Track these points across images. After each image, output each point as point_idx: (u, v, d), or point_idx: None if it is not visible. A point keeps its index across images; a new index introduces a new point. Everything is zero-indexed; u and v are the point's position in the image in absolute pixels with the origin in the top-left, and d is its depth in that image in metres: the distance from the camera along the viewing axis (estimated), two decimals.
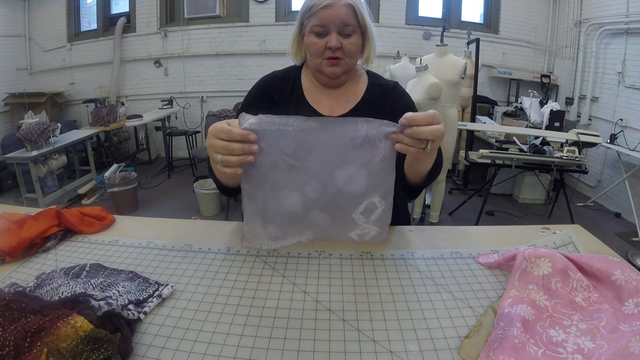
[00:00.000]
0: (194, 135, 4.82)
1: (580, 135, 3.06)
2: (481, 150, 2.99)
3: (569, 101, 4.33)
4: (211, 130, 0.62)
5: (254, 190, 0.69)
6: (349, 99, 0.96)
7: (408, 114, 0.61)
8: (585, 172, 2.92)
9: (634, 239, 3.06)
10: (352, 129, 0.64)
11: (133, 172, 3.56)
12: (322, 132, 0.64)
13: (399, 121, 0.62)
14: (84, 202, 3.75)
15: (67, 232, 0.90)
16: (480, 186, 3.75)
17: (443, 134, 0.62)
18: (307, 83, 0.97)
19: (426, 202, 3.34)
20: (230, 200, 3.44)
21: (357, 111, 0.94)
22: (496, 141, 3.69)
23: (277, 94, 0.96)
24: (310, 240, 0.78)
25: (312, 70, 0.96)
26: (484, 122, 3.95)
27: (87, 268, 0.73)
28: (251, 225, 0.73)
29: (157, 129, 5.06)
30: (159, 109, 4.90)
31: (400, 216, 1.05)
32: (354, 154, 0.66)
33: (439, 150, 0.82)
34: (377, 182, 0.70)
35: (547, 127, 3.47)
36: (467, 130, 3.73)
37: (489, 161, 2.97)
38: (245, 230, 0.74)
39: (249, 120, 0.62)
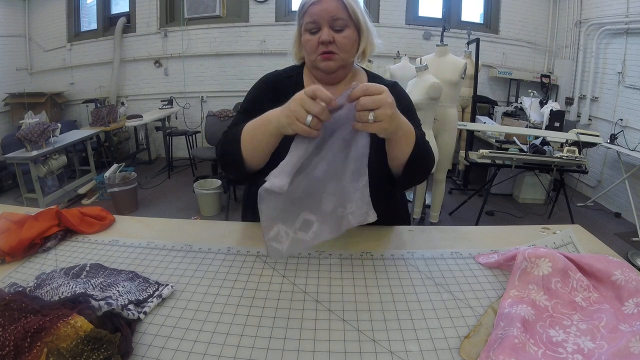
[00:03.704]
0: (194, 135, 4.82)
1: (580, 135, 3.05)
2: (481, 150, 2.99)
3: (569, 101, 4.33)
4: (308, 90, 0.65)
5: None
6: None
7: (350, 92, 0.65)
8: (585, 172, 2.92)
9: (634, 239, 3.06)
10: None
11: (133, 172, 3.56)
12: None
13: (345, 101, 0.66)
14: (84, 202, 3.75)
15: (67, 232, 0.90)
16: (480, 186, 3.75)
17: (387, 102, 0.65)
18: (309, 82, 0.98)
19: (426, 202, 3.34)
20: (230, 200, 3.44)
21: None
22: (496, 141, 3.69)
23: (280, 92, 0.96)
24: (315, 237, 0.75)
25: (309, 68, 0.97)
26: (484, 122, 3.95)
27: (87, 268, 0.73)
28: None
29: (157, 129, 5.05)
30: (159, 109, 4.90)
31: (400, 216, 1.05)
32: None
33: (423, 142, 0.82)
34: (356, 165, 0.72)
35: (547, 127, 3.47)
36: (467, 130, 3.73)
37: (489, 161, 2.97)
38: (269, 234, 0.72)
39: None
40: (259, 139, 0.77)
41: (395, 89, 0.99)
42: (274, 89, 0.96)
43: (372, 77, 1.01)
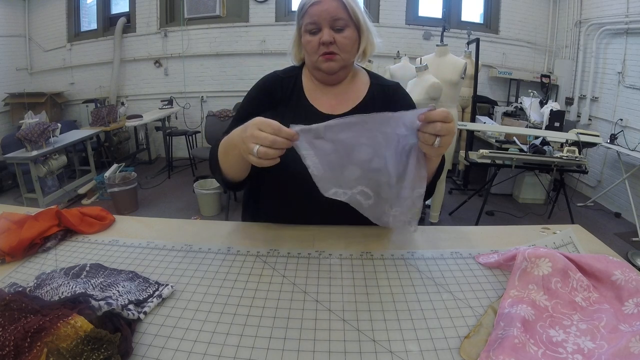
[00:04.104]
0: (194, 135, 4.82)
1: (580, 135, 3.05)
2: (481, 150, 2.98)
3: (569, 101, 4.33)
4: (255, 122, 0.66)
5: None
6: (349, 98, 0.96)
7: (427, 113, 0.65)
8: (585, 172, 2.92)
9: (634, 239, 3.06)
10: (390, 123, 0.68)
11: (133, 172, 3.56)
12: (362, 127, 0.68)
13: (418, 117, 0.66)
14: (84, 202, 3.75)
15: (67, 232, 0.90)
16: (480, 186, 3.75)
17: (454, 132, 0.67)
18: (308, 82, 0.97)
19: (426, 202, 3.34)
20: (230, 200, 3.44)
21: (358, 110, 0.95)
22: (496, 141, 3.69)
23: (279, 93, 0.96)
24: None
25: (310, 69, 0.96)
26: (484, 122, 3.95)
27: (87, 268, 0.73)
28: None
29: (157, 129, 5.06)
30: (159, 109, 4.90)
31: None
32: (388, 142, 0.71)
33: (443, 158, 0.84)
34: (409, 170, 0.73)
35: (547, 127, 3.47)
36: (467, 130, 3.73)
37: (489, 161, 2.97)
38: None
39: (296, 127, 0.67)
40: (231, 161, 0.81)
41: (398, 90, 0.99)
42: (271, 93, 0.96)
43: (373, 77, 1.01)
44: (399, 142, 0.70)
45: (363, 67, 1.03)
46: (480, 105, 4.35)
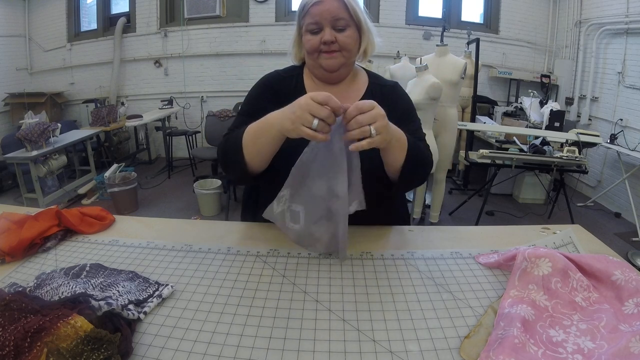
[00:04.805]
0: (194, 135, 4.81)
1: (580, 135, 3.05)
2: (481, 150, 2.98)
3: (569, 101, 4.33)
4: (312, 95, 0.67)
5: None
6: (349, 97, 0.96)
7: (346, 112, 0.67)
8: (585, 172, 2.91)
9: (634, 239, 3.06)
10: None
11: (133, 172, 3.56)
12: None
13: (340, 122, 0.69)
14: (84, 202, 3.74)
15: (67, 232, 0.90)
16: (480, 186, 3.75)
17: (380, 115, 0.68)
18: (309, 81, 0.98)
19: (426, 202, 3.34)
20: (230, 200, 3.44)
21: None
22: (496, 141, 3.68)
23: (280, 92, 0.96)
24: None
25: (311, 68, 0.96)
26: (484, 122, 3.95)
27: (87, 268, 0.73)
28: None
29: (157, 129, 5.05)
30: (159, 109, 4.90)
31: (400, 216, 1.06)
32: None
33: (417, 147, 0.84)
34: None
35: (547, 127, 3.47)
36: (467, 130, 3.73)
37: (489, 161, 2.97)
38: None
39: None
40: (262, 143, 0.78)
41: (396, 90, 0.99)
42: (274, 90, 0.96)
43: (372, 77, 1.01)
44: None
45: (362, 67, 1.03)
46: (480, 105, 4.34)
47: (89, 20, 5.22)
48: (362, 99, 0.96)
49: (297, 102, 0.69)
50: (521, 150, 3.17)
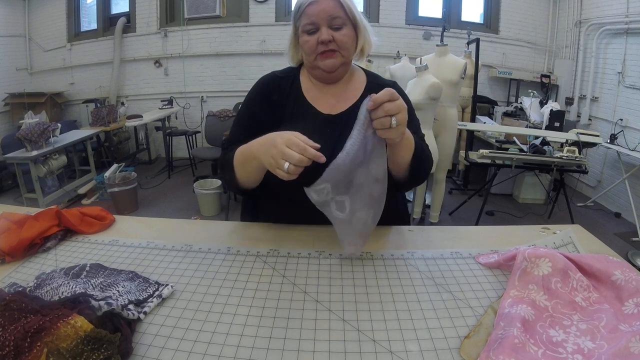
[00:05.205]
0: (194, 135, 4.81)
1: (580, 135, 3.05)
2: (481, 150, 2.98)
3: (569, 101, 4.33)
4: (284, 139, 0.68)
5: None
6: (347, 97, 0.96)
7: (373, 97, 0.67)
8: (585, 172, 2.91)
9: (634, 239, 3.06)
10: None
11: (133, 172, 3.56)
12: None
13: (367, 107, 0.68)
14: (84, 202, 3.74)
15: (67, 232, 0.90)
16: (480, 186, 3.75)
17: (405, 108, 0.69)
18: (306, 82, 0.98)
19: (426, 202, 3.34)
20: (230, 200, 3.44)
21: (356, 109, 0.95)
22: (496, 141, 3.68)
23: (277, 94, 0.96)
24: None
25: (309, 69, 0.96)
26: (484, 122, 3.95)
27: (87, 268, 0.74)
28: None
29: (157, 129, 5.05)
30: (159, 109, 4.90)
31: (400, 216, 1.05)
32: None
33: (422, 145, 0.85)
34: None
35: (547, 127, 3.47)
36: (467, 130, 3.73)
37: (489, 161, 2.97)
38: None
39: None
40: (249, 169, 0.83)
41: (394, 88, 0.99)
42: (271, 93, 0.96)
43: (371, 76, 1.01)
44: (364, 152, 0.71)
45: (360, 67, 1.03)
46: (480, 105, 4.34)
47: (89, 20, 5.22)
48: (361, 98, 0.96)
49: (274, 141, 0.70)
50: (521, 150, 3.17)
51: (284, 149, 0.67)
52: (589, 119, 4.05)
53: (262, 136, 0.76)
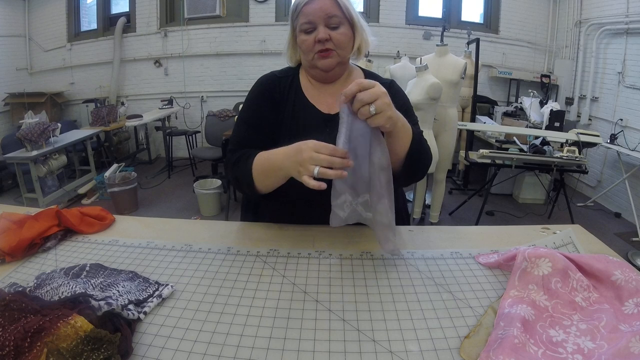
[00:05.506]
0: (194, 135, 4.81)
1: (580, 135, 3.05)
2: (481, 150, 2.98)
3: (569, 101, 4.33)
4: (310, 146, 0.69)
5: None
6: None
7: (343, 92, 0.68)
8: (585, 172, 2.91)
9: (634, 239, 3.06)
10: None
11: (133, 172, 3.56)
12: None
13: (341, 101, 0.68)
14: (84, 202, 3.74)
15: (67, 232, 0.90)
16: (480, 186, 3.75)
17: (381, 93, 0.68)
18: (305, 82, 0.98)
19: (426, 202, 3.34)
20: (230, 200, 3.44)
21: None
22: (496, 141, 3.68)
23: (277, 93, 0.96)
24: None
25: (307, 69, 0.97)
26: (484, 122, 3.95)
27: (87, 268, 0.73)
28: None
29: (157, 129, 5.05)
30: (159, 109, 4.90)
31: (400, 216, 1.05)
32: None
33: (420, 137, 0.85)
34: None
35: (547, 127, 3.47)
36: (467, 130, 3.73)
37: (489, 161, 2.97)
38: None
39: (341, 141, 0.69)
40: (272, 180, 0.82)
41: (392, 87, 0.99)
42: (270, 93, 0.96)
43: (369, 75, 1.02)
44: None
45: (359, 66, 1.04)
46: (480, 105, 4.34)
47: (89, 20, 5.22)
48: None
49: (300, 148, 0.71)
50: (521, 150, 3.17)
51: (312, 154, 0.68)
52: (589, 119, 4.05)
53: (284, 147, 0.76)
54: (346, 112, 0.69)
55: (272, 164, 0.80)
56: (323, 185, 0.66)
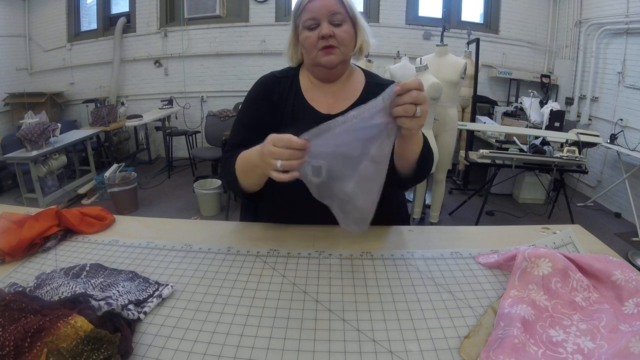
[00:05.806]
0: (194, 135, 4.81)
1: (580, 135, 3.05)
2: (481, 150, 2.98)
3: (569, 101, 4.33)
4: (269, 140, 0.68)
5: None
6: (346, 96, 0.96)
7: (401, 83, 0.65)
8: (585, 172, 2.91)
9: (634, 239, 3.06)
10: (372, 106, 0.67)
11: (133, 172, 3.56)
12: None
13: (394, 90, 0.65)
14: (84, 202, 3.74)
15: (67, 232, 0.90)
16: (480, 186, 3.75)
17: (428, 100, 0.68)
18: (305, 82, 0.98)
19: (426, 202, 3.34)
20: (230, 200, 3.44)
21: None
22: (496, 141, 3.68)
23: (276, 94, 0.96)
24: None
25: (309, 67, 0.97)
26: (484, 122, 3.95)
27: (87, 268, 0.74)
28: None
29: (157, 129, 5.05)
30: (159, 109, 4.89)
31: (400, 216, 1.05)
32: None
33: (427, 142, 0.85)
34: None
35: (547, 127, 3.47)
36: (467, 130, 3.73)
37: (489, 161, 2.97)
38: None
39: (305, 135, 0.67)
40: (251, 177, 0.84)
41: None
42: (270, 93, 0.96)
43: (369, 76, 1.01)
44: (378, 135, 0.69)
45: (359, 67, 1.04)
46: (480, 105, 4.34)
47: (89, 20, 5.22)
48: (360, 97, 0.96)
49: (262, 144, 0.70)
50: (521, 150, 3.17)
51: (271, 148, 0.67)
52: (589, 119, 4.05)
53: (260, 144, 0.75)
54: (386, 98, 0.66)
55: (249, 162, 0.80)
56: (295, 175, 0.66)
